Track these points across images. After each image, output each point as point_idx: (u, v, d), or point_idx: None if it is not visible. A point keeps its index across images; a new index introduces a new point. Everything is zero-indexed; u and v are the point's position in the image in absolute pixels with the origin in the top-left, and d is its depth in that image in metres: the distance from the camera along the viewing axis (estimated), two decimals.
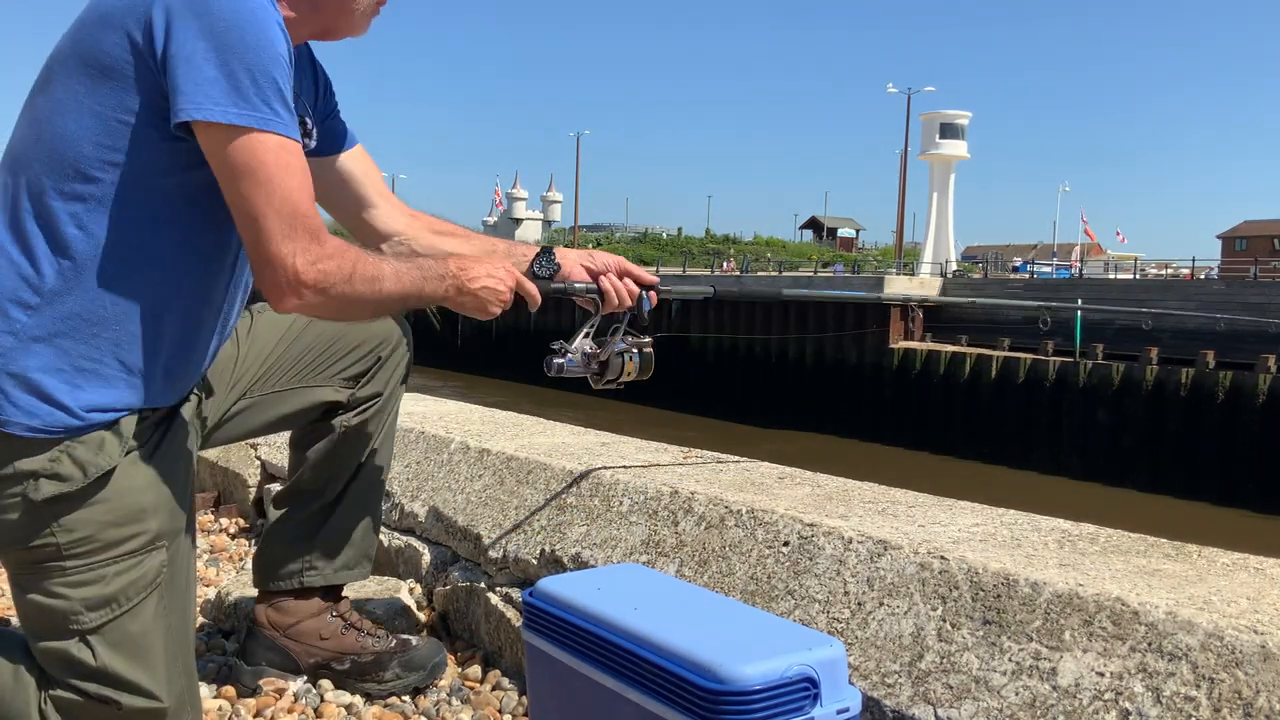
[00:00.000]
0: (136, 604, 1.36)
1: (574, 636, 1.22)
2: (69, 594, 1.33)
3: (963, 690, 1.27)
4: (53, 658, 1.35)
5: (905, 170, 44.13)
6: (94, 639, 1.34)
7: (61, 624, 1.34)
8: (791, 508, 1.72)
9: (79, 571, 1.33)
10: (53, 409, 1.30)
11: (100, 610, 1.34)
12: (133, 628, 1.36)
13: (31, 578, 1.35)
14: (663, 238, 71.45)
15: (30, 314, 1.30)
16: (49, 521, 1.31)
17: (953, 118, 42.17)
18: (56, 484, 1.30)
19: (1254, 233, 61.13)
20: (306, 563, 1.76)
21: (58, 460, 1.30)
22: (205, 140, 1.29)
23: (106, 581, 1.34)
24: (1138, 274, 31.82)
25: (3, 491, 1.30)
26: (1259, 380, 20.58)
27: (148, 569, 1.37)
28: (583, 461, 2.14)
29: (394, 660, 1.79)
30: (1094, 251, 53.06)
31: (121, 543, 1.35)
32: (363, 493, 1.81)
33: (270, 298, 1.36)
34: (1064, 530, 1.62)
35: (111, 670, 1.34)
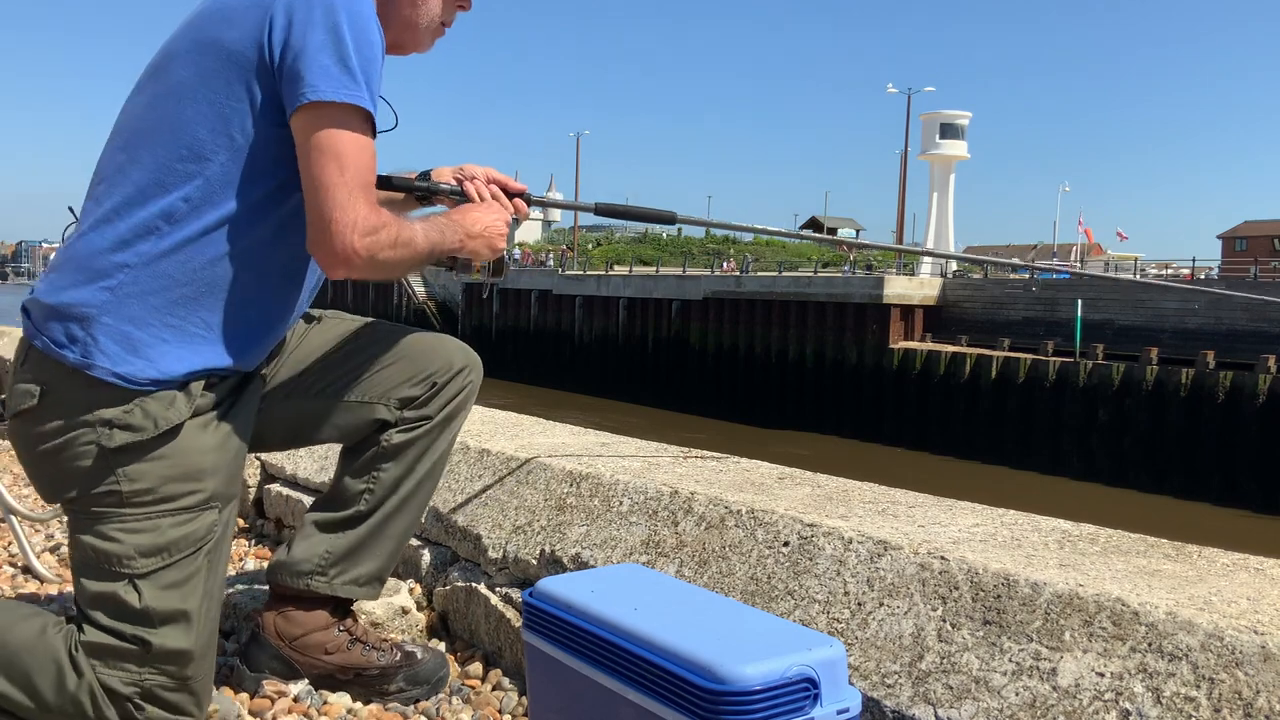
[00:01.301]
0: (185, 556, 1.48)
1: (574, 637, 1.22)
2: (125, 539, 1.45)
3: (963, 690, 1.27)
4: (99, 598, 1.45)
5: (905, 170, 44.16)
6: (142, 583, 1.45)
7: (114, 566, 1.45)
8: (791, 508, 1.72)
9: (136, 519, 1.45)
10: (136, 360, 1.45)
11: (152, 558, 1.46)
12: (178, 577, 1.47)
13: (91, 521, 1.46)
14: (663, 238, 71.46)
15: (129, 273, 1.45)
16: (115, 469, 1.44)
17: (953, 118, 42.15)
18: (128, 434, 1.44)
19: (1254, 233, 61.11)
20: (318, 567, 1.74)
21: (131, 412, 1.44)
22: (303, 117, 1.44)
23: (161, 532, 1.47)
24: (1138, 274, 31.82)
25: (79, 436, 1.44)
26: (1259, 380, 20.57)
27: (199, 526, 1.50)
28: (583, 461, 2.14)
29: (399, 674, 1.78)
30: (1094, 251, 53.06)
31: (179, 498, 1.47)
32: (393, 514, 1.77)
33: (323, 261, 1.49)
34: (1064, 530, 1.62)
35: (153, 612, 1.45)
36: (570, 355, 37.23)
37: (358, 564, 1.76)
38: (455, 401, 1.79)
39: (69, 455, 1.45)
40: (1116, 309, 24.88)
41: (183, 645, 1.48)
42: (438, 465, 1.81)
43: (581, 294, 37.71)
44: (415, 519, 1.83)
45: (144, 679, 1.46)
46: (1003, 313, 26.90)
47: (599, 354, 36.12)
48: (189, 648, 1.48)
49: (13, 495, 2.72)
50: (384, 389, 1.74)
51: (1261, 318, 22.12)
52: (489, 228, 1.70)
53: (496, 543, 2.02)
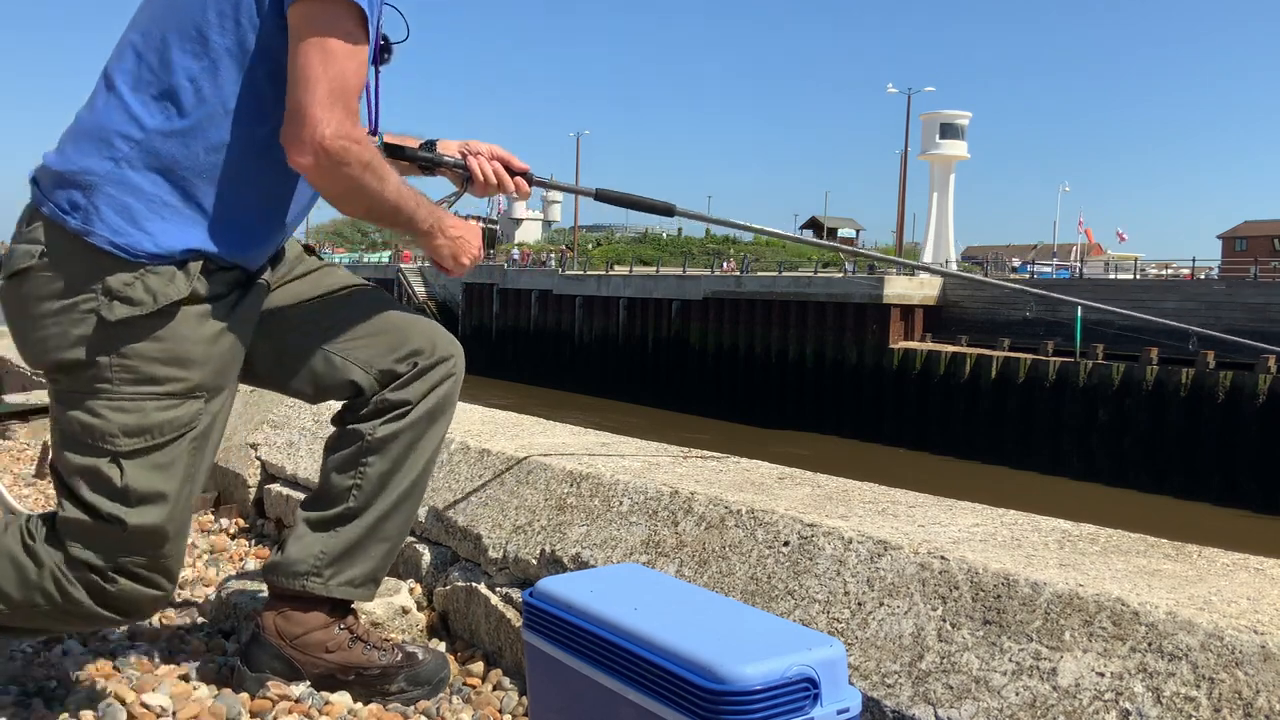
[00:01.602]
0: (169, 441, 1.51)
1: (574, 636, 1.22)
2: (110, 417, 1.48)
3: (963, 690, 1.27)
4: (81, 471, 1.48)
5: (905, 170, 44.14)
6: (125, 462, 1.48)
7: (98, 443, 1.48)
8: (791, 508, 1.72)
9: (122, 399, 1.48)
10: (136, 232, 1.47)
11: (135, 438, 1.48)
12: (161, 460, 1.50)
13: (78, 395, 1.48)
14: (663, 238, 71.40)
15: (132, 147, 1.48)
16: (108, 343, 1.47)
17: (953, 118, 42.17)
18: (127, 307, 1.46)
19: (1254, 233, 61.09)
20: (313, 568, 1.74)
21: (132, 285, 1.47)
22: (298, 11, 1.46)
23: (145, 414, 1.49)
24: (1138, 274, 31.81)
25: (79, 303, 1.46)
26: (1259, 380, 20.58)
27: (184, 413, 1.52)
28: (583, 461, 2.14)
29: (400, 674, 1.78)
30: (1094, 251, 53.05)
31: (164, 382, 1.50)
32: (387, 515, 1.75)
33: (290, 148, 1.48)
34: (1064, 530, 1.62)
35: (132, 492, 1.48)
36: (570, 355, 37.23)
37: (353, 565, 1.76)
38: (438, 391, 1.77)
39: (66, 320, 1.47)
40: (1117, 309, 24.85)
41: (159, 524, 1.50)
42: (428, 464, 1.79)
43: (582, 294, 37.72)
44: (409, 521, 1.81)
45: (118, 556, 1.49)
46: (1003, 313, 26.88)
47: (599, 354, 36.12)
48: (164, 526, 1.51)
49: (13, 495, 2.73)
50: (367, 355, 1.73)
51: (1262, 318, 22.13)
52: (463, 239, 1.71)
53: (497, 543, 2.02)
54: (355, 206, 1.59)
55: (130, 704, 1.62)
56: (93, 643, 1.94)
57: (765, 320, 30.35)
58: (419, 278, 48.66)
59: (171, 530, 1.53)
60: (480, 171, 1.84)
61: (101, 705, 1.61)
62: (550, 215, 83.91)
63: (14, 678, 1.72)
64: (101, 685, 1.69)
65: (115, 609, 1.52)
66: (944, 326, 27.41)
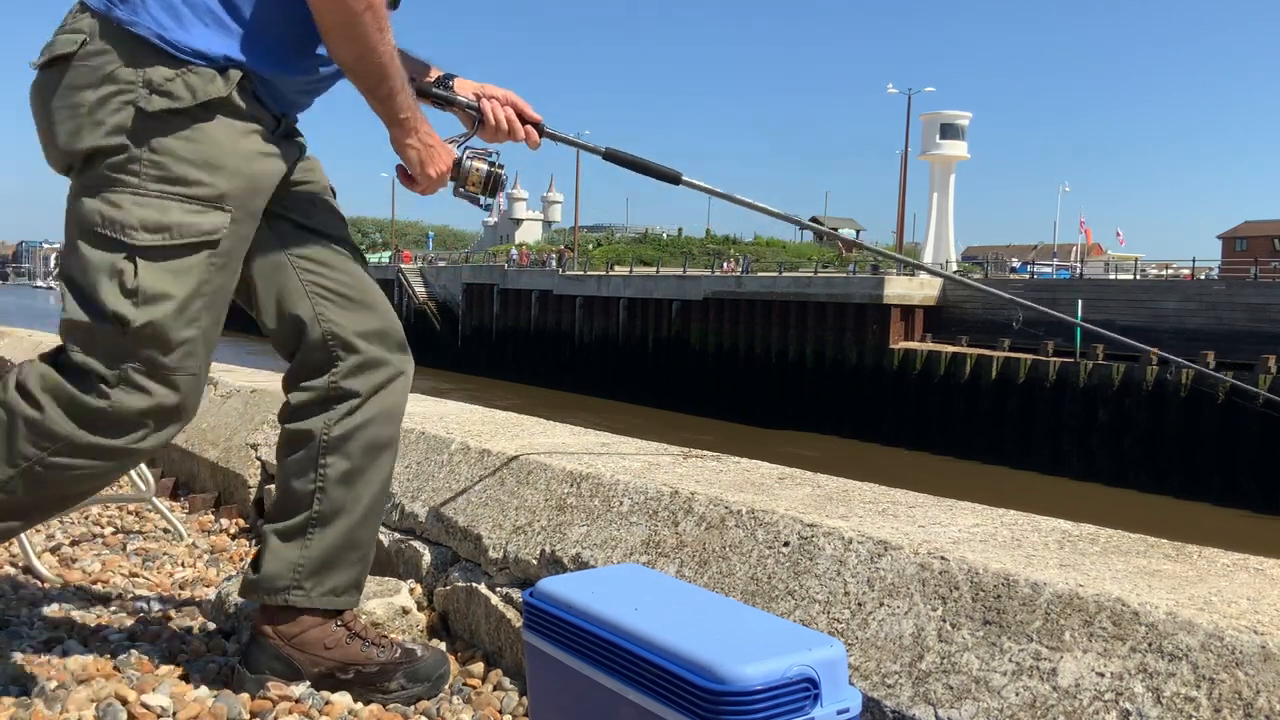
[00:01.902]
0: (187, 247, 1.50)
1: (574, 637, 1.22)
2: (131, 209, 1.48)
3: (963, 691, 1.27)
4: (92, 267, 1.48)
5: (905, 170, 44.13)
6: (140, 260, 1.48)
7: (116, 234, 1.48)
8: (792, 508, 1.72)
9: (147, 194, 1.48)
10: (180, 30, 1.49)
11: (154, 234, 1.48)
12: (177, 266, 1.50)
13: (101, 185, 1.49)
14: (663, 238, 71.34)
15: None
16: (142, 135, 1.47)
17: (953, 118, 42.18)
18: (167, 100, 1.47)
19: (1254, 233, 61.09)
20: (294, 581, 1.71)
21: (173, 80, 1.48)
22: None
23: (166, 212, 1.49)
24: (1138, 274, 31.80)
25: (118, 94, 1.47)
26: (1259, 380, 20.56)
27: (207, 222, 1.52)
28: (583, 462, 2.14)
29: (399, 671, 1.76)
30: (1094, 252, 53.02)
31: (192, 184, 1.50)
32: (358, 520, 1.73)
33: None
34: (1064, 530, 1.62)
35: (141, 290, 1.48)
36: (571, 356, 37.23)
37: (332, 574, 1.73)
38: (390, 389, 1.73)
39: (103, 110, 1.47)
40: (1117, 309, 24.88)
41: (164, 325, 1.50)
42: (390, 468, 1.77)
43: (582, 294, 37.72)
44: (378, 522, 1.79)
45: (119, 361, 1.49)
46: (1003, 313, 26.84)
47: (599, 354, 36.12)
48: (170, 330, 1.50)
49: None
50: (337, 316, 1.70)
51: (1262, 318, 22.12)
52: (435, 150, 1.69)
53: (497, 543, 2.02)
54: (346, 48, 1.57)
55: (130, 704, 1.62)
56: (93, 643, 1.94)
57: (765, 320, 30.35)
58: (419, 278, 48.68)
59: (177, 337, 1.51)
60: (493, 115, 1.84)
61: (101, 705, 1.61)
62: (550, 215, 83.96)
63: (14, 678, 1.72)
64: (101, 685, 1.69)
65: (101, 427, 1.49)
66: (944, 327, 27.41)
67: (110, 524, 2.98)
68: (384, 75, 1.59)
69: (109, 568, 2.52)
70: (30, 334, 8.02)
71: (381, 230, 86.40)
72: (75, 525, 2.94)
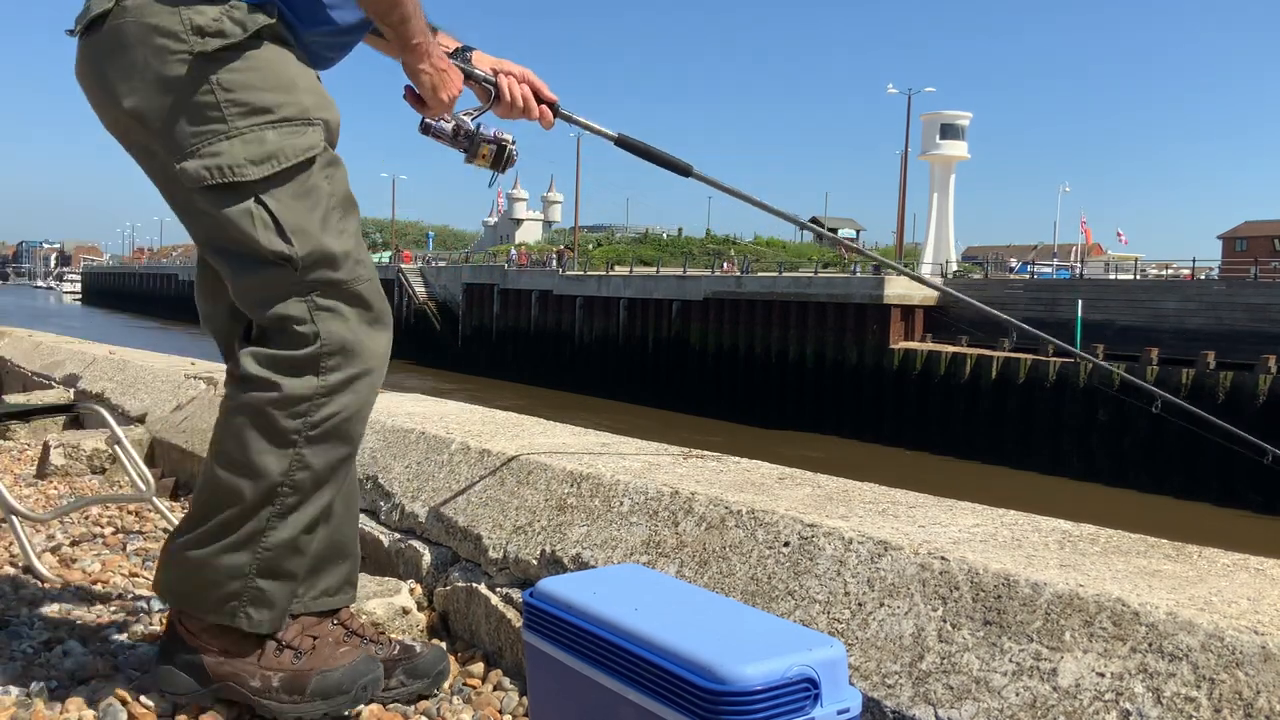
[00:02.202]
0: (297, 165, 1.51)
1: (574, 637, 1.22)
2: (232, 150, 1.48)
3: (963, 691, 1.27)
4: (231, 218, 1.49)
5: (905, 171, 44.13)
6: (265, 198, 1.49)
7: (231, 179, 1.48)
8: (792, 508, 1.72)
9: (239, 132, 1.48)
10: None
11: (264, 164, 1.49)
12: (297, 188, 1.51)
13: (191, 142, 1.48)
14: (663, 238, 71.36)
15: None
16: (209, 76, 1.47)
17: (953, 118, 42.14)
18: (219, 39, 1.48)
19: (1254, 233, 61.08)
20: None
21: (219, 20, 1.48)
22: None
23: (265, 143, 1.49)
24: (1138, 274, 31.80)
25: (169, 47, 1.47)
26: (1259, 380, 20.57)
27: (306, 138, 1.53)
28: (583, 462, 2.14)
29: (398, 668, 1.74)
30: (1094, 252, 53.01)
31: (276, 106, 1.51)
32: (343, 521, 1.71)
33: None
34: (1064, 531, 1.62)
35: (284, 222, 1.49)
36: (571, 356, 37.23)
37: (322, 577, 1.71)
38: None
39: (159, 63, 1.47)
40: (1117, 309, 24.90)
41: (323, 247, 1.52)
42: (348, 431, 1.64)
43: (582, 294, 37.72)
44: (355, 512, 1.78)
45: (302, 297, 1.51)
46: (1003, 313, 26.87)
47: (599, 354, 36.12)
48: (330, 249, 1.53)
49: (13, 495, 2.73)
50: None
51: (1262, 318, 22.12)
52: (447, 74, 1.71)
53: (497, 543, 2.02)
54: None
55: (130, 704, 1.62)
56: (93, 643, 1.94)
57: (765, 321, 30.35)
58: (419, 278, 48.67)
59: (339, 251, 1.53)
60: (509, 92, 1.84)
61: (101, 705, 1.61)
62: (550, 215, 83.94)
63: (14, 678, 1.72)
64: (102, 685, 1.69)
65: (328, 364, 1.52)
66: (944, 327, 27.41)
67: (110, 524, 2.98)
68: (396, 2, 1.60)
69: (109, 568, 2.52)
70: (30, 334, 8.02)
71: (381, 230, 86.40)
72: (75, 525, 2.94)
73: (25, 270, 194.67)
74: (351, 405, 1.56)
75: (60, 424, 4.75)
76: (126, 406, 4.40)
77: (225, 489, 1.55)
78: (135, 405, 4.38)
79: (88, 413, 4.55)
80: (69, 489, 3.59)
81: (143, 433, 3.93)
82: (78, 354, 5.97)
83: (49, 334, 8.33)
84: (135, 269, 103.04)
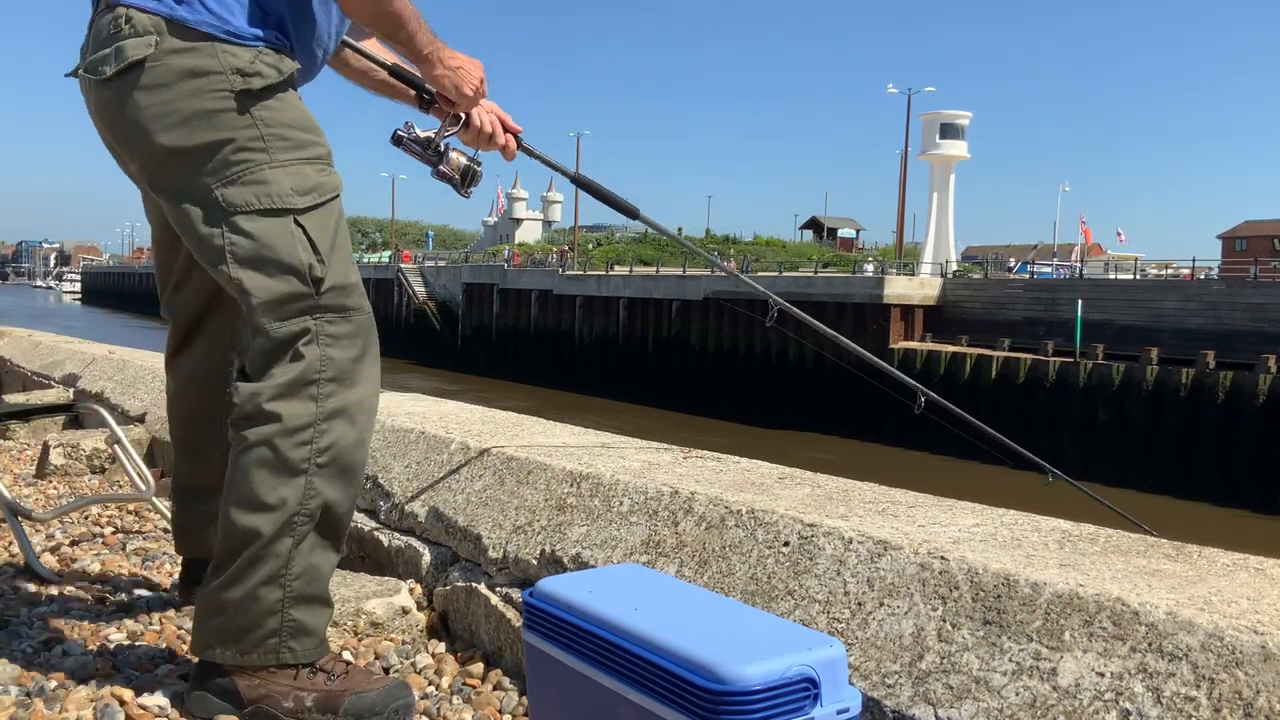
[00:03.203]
0: (329, 201, 1.64)
1: (574, 636, 1.22)
2: (279, 179, 1.59)
3: (963, 690, 1.27)
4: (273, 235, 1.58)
5: (905, 170, 44.13)
6: (303, 219, 1.60)
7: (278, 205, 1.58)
8: (792, 508, 1.72)
9: (281, 164, 1.60)
10: (234, 19, 1.59)
11: (307, 195, 1.60)
12: (324, 221, 1.62)
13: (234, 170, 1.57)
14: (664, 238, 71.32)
15: None
16: (251, 110, 1.58)
17: (953, 118, 42.14)
18: (259, 79, 1.59)
19: (1254, 233, 61.09)
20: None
21: (254, 63, 1.59)
22: None
23: (306, 177, 1.61)
24: (1138, 274, 31.80)
25: (212, 85, 1.57)
26: (1259, 380, 20.57)
27: (333, 180, 1.66)
28: (583, 462, 2.14)
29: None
30: (1094, 252, 53.01)
31: (309, 145, 1.64)
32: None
33: None
34: (1064, 530, 1.62)
35: (319, 247, 1.60)
36: (570, 355, 37.22)
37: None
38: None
39: (201, 100, 1.56)
40: (1116, 309, 24.89)
41: (342, 275, 1.63)
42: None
43: (582, 294, 37.71)
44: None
45: (317, 315, 1.59)
46: (1003, 313, 26.88)
47: (599, 354, 36.12)
48: (347, 278, 1.64)
49: (13, 495, 2.73)
50: None
51: (1262, 318, 22.12)
52: (463, 69, 1.82)
53: (497, 543, 2.02)
54: (361, 9, 1.70)
55: (128, 704, 1.62)
56: (92, 643, 1.94)
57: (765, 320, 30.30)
58: (419, 278, 48.63)
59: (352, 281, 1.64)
60: (478, 118, 1.94)
61: (100, 705, 1.61)
62: (550, 215, 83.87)
63: (14, 678, 1.72)
64: (101, 685, 1.69)
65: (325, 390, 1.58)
66: (944, 326, 27.41)
67: (110, 524, 2.98)
68: (399, 23, 1.71)
69: (109, 568, 2.52)
70: (30, 333, 8.02)
71: (381, 230, 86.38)
72: (75, 525, 2.94)
73: (25, 270, 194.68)
74: (350, 434, 1.60)
75: (60, 424, 4.76)
76: (126, 406, 4.40)
77: (243, 529, 1.56)
78: (135, 405, 4.38)
79: (87, 412, 4.56)
80: (69, 489, 3.59)
81: (142, 432, 3.93)
82: (77, 353, 5.97)
83: (48, 333, 8.33)
84: (135, 269, 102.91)
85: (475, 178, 1.97)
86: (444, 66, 1.79)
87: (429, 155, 1.96)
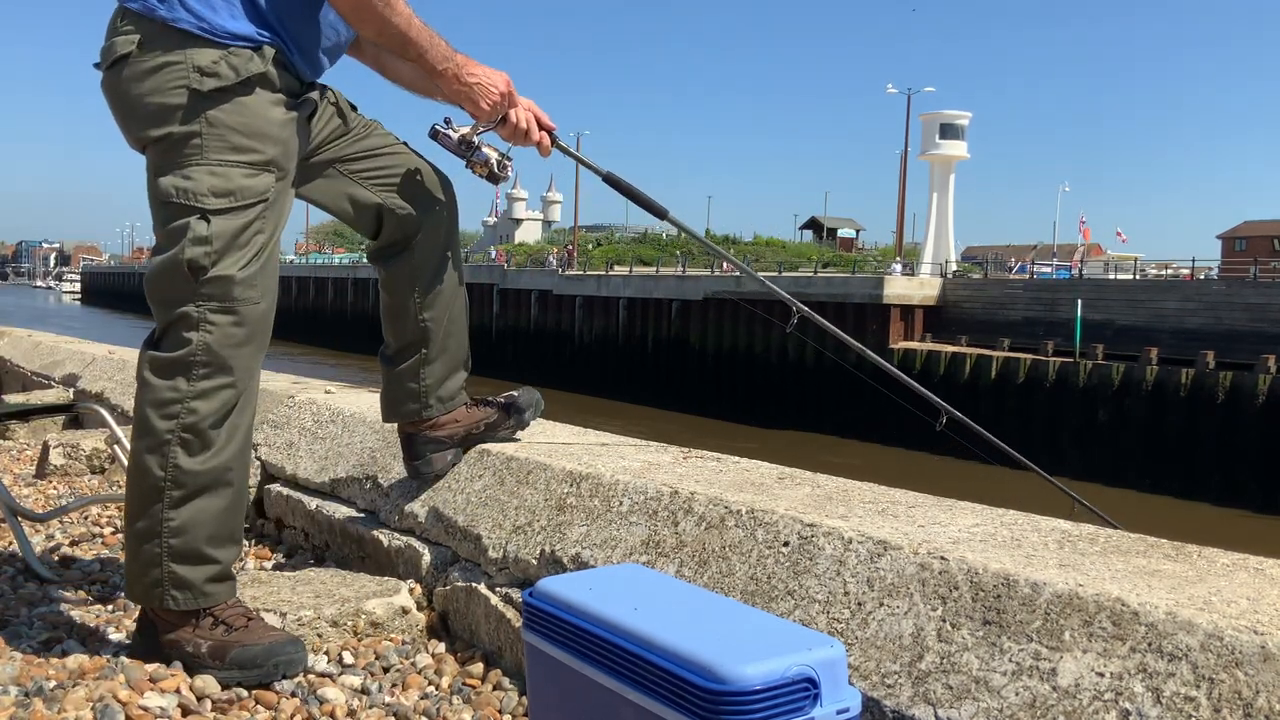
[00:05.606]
0: (248, 205, 1.74)
1: (574, 636, 1.22)
2: (201, 178, 1.72)
3: (963, 690, 1.27)
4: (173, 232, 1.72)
5: (905, 170, 44.14)
6: (212, 216, 1.72)
7: (190, 201, 1.71)
8: (791, 508, 1.72)
9: (210, 165, 1.72)
10: (215, 16, 1.72)
11: (222, 198, 1.72)
12: (240, 222, 1.74)
13: (173, 163, 1.72)
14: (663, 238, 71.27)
15: None
16: (200, 112, 1.71)
17: (953, 118, 42.12)
18: (215, 80, 1.71)
19: (1254, 233, 61.10)
20: (423, 402, 2.16)
21: (218, 63, 1.71)
22: None
23: (230, 180, 1.73)
24: (1138, 274, 31.79)
25: (173, 79, 1.71)
26: (1259, 380, 20.57)
27: (261, 184, 1.76)
28: (583, 461, 2.14)
29: (510, 420, 2.30)
30: (1094, 252, 53.00)
31: (245, 151, 1.74)
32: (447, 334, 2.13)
33: None
34: (1064, 530, 1.62)
35: (214, 238, 1.72)
36: (570, 355, 37.20)
37: (444, 381, 2.18)
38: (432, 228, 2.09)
39: (164, 95, 1.71)
40: (1116, 309, 24.89)
41: (231, 271, 1.73)
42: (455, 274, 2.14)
43: (582, 294, 37.69)
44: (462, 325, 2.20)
45: (198, 303, 1.72)
46: (1003, 313, 26.88)
47: (599, 354, 36.10)
48: (235, 271, 1.73)
49: (13, 495, 2.72)
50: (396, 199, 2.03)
51: (1262, 318, 22.12)
52: (481, 83, 1.90)
53: (497, 543, 2.02)
54: (365, 27, 1.82)
55: (128, 704, 1.62)
56: (92, 643, 1.94)
57: (766, 320, 30.31)
58: None
59: (241, 276, 1.74)
60: (515, 114, 2.00)
61: (100, 706, 1.61)
62: (550, 215, 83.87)
63: (14, 678, 1.72)
64: (100, 685, 1.69)
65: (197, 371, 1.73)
66: (944, 327, 27.40)
67: (110, 524, 2.98)
68: (406, 41, 1.80)
69: (109, 568, 2.52)
70: (29, 333, 8.02)
71: None
72: (75, 525, 2.94)
73: (24, 270, 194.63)
74: (215, 413, 1.75)
75: (60, 423, 4.76)
76: (126, 406, 4.40)
77: (131, 487, 1.80)
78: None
79: (87, 412, 4.56)
80: (68, 489, 3.59)
81: None
82: (77, 353, 5.97)
83: (48, 333, 8.33)
84: (135, 269, 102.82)
85: (505, 170, 2.06)
86: (460, 82, 1.88)
87: (461, 150, 2.03)
